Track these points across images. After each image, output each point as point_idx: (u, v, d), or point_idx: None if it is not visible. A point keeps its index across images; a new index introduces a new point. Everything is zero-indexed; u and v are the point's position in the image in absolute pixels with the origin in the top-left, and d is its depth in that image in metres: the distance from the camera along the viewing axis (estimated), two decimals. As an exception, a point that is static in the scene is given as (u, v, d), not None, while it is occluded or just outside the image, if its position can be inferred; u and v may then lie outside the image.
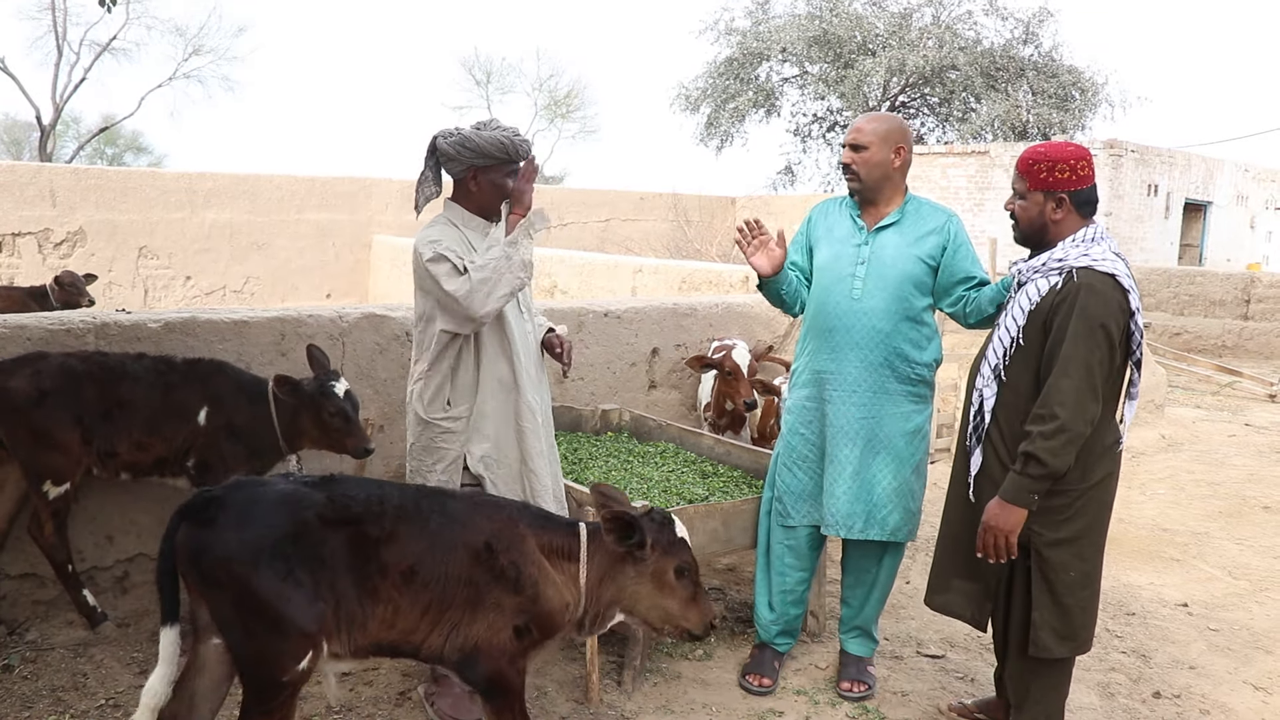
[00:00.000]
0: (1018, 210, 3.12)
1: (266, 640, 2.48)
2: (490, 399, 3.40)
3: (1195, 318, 14.59)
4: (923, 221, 3.61)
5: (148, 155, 41.96)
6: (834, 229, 3.71)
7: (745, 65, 25.58)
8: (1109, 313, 2.89)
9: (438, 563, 2.67)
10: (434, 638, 2.69)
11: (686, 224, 19.07)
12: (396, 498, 2.74)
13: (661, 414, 5.72)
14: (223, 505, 2.54)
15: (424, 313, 3.40)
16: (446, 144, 3.37)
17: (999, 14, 24.34)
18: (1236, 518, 6.30)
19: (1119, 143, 17.40)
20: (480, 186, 3.40)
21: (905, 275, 3.55)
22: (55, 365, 3.65)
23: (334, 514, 2.60)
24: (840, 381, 3.60)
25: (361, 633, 2.62)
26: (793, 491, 3.75)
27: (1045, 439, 2.87)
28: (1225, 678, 4.05)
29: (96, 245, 13.75)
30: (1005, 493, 2.96)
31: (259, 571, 2.46)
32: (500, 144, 3.32)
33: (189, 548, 2.51)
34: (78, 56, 29.98)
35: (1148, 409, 8.68)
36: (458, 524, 2.74)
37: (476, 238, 3.40)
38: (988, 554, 3.01)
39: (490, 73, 42.67)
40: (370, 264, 15.84)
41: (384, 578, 2.60)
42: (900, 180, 3.65)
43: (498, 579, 2.71)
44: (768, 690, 3.73)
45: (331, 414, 3.79)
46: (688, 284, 8.32)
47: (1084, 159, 3.03)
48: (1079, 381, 2.87)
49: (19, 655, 3.65)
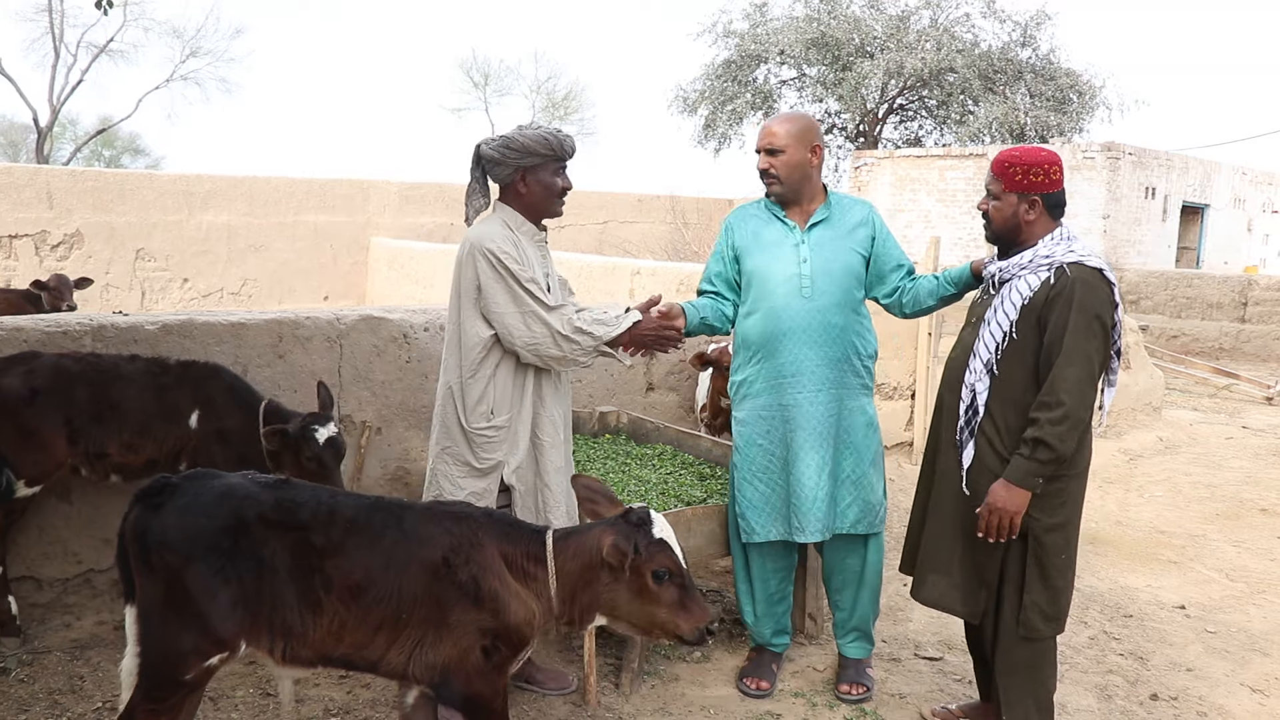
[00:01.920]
0: (991, 210, 3.25)
1: (179, 633, 2.46)
2: (522, 409, 3.39)
3: (1192, 320, 14.62)
4: (849, 214, 3.68)
5: (145, 157, 42.01)
6: (760, 234, 3.69)
7: (743, 67, 25.59)
8: (1102, 305, 3.05)
9: (390, 580, 2.57)
10: (393, 655, 2.60)
11: (684, 226, 19.08)
12: (350, 509, 2.64)
13: (659, 416, 5.72)
14: (174, 492, 2.54)
15: (464, 313, 3.34)
16: (490, 149, 3.35)
17: (997, 17, 24.35)
18: (1234, 520, 6.31)
19: (1116, 145, 17.42)
20: (529, 187, 3.37)
21: (846, 268, 3.61)
22: (49, 365, 3.65)
23: (279, 517, 2.56)
24: (803, 383, 3.59)
25: (302, 643, 2.55)
26: (754, 505, 3.68)
27: (1054, 425, 2.98)
28: (1222, 680, 4.06)
29: (94, 247, 13.74)
30: (1012, 475, 3.05)
31: (191, 563, 2.45)
32: (545, 140, 3.32)
33: (136, 529, 2.51)
34: (75, 58, 29.98)
35: (1145, 411, 8.69)
36: (413, 540, 2.63)
37: (527, 244, 3.36)
38: (989, 535, 3.09)
39: (488, 75, 42.67)
40: (368, 266, 15.83)
41: (328, 591, 2.53)
42: (818, 177, 3.69)
43: (459, 594, 2.60)
44: (765, 694, 3.72)
45: (308, 458, 3.70)
46: (685, 286, 8.31)
47: (1056, 164, 3.18)
48: (1081, 370, 3.01)
49: (15, 658, 3.64)
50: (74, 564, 4.06)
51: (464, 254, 3.33)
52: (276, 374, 4.41)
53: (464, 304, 3.34)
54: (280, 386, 4.38)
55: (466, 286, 3.33)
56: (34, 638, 3.80)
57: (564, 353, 3.30)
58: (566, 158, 3.38)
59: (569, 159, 3.39)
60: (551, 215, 3.45)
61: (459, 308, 3.37)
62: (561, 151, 3.34)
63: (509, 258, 3.25)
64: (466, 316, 3.34)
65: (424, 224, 16.76)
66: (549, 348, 3.29)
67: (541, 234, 3.47)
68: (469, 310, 3.33)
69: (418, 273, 13.93)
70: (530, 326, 3.26)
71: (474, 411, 3.34)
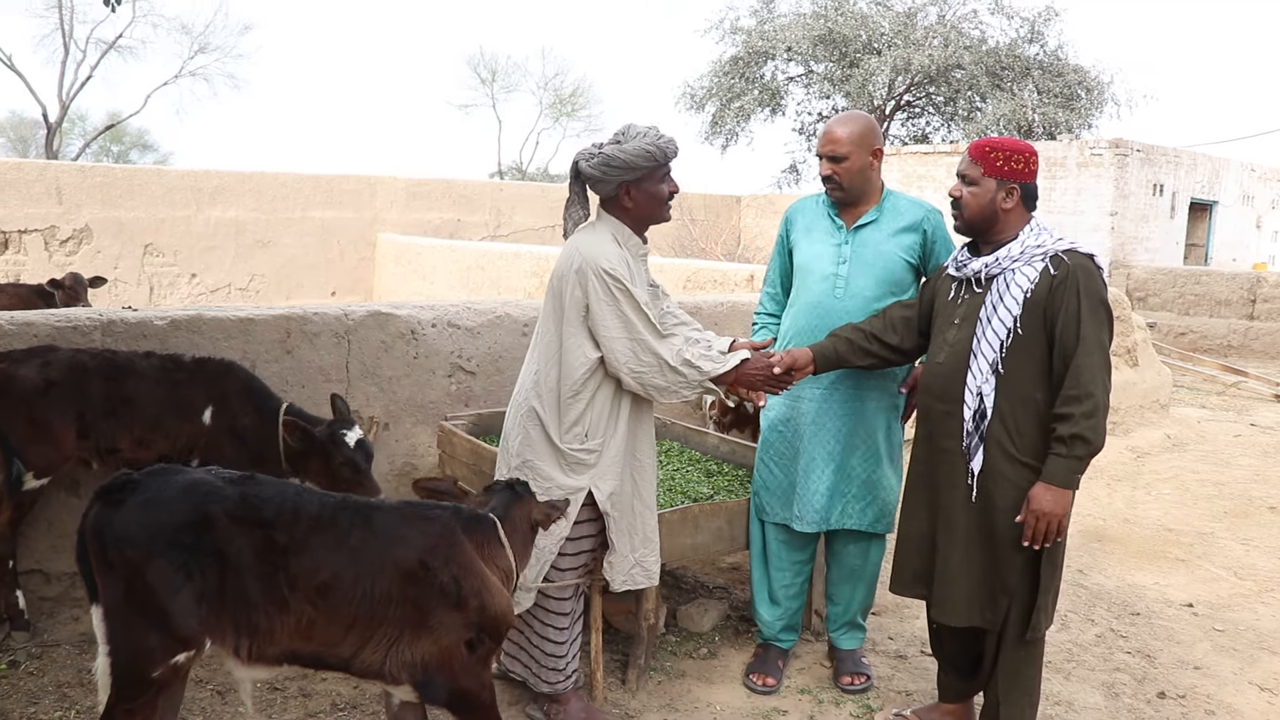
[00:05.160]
0: (967, 197, 3.11)
1: (144, 631, 2.43)
2: (619, 433, 3.28)
3: (1201, 317, 14.58)
4: (900, 217, 3.62)
5: (153, 153, 42.12)
6: (813, 228, 3.71)
7: (750, 64, 25.54)
8: (1103, 290, 3.00)
9: (360, 581, 2.54)
10: (367, 654, 2.58)
11: (691, 223, 19.08)
12: (314, 507, 2.60)
13: (667, 413, 5.71)
14: (135, 488, 2.48)
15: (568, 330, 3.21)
16: (590, 167, 3.18)
17: (1004, 13, 24.26)
18: (1242, 518, 6.29)
19: (1124, 142, 17.36)
20: (635, 200, 3.22)
21: (885, 273, 3.57)
22: (65, 358, 3.68)
23: (243, 513, 2.51)
24: (822, 380, 3.61)
25: (269, 641, 2.52)
26: (768, 487, 3.78)
27: (1087, 418, 2.90)
28: (1230, 678, 4.05)
29: (102, 242, 13.79)
30: (1054, 477, 2.94)
31: (152, 559, 2.40)
32: (648, 153, 3.14)
33: (95, 527, 2.45)
34: (84, 54, 30.13)
35: (1153, 409, 8.67)
36: (386, 540, 2.60)
37: (633, 259, 3.26)
38: (1035, 542, 2.99)
39: (495, 71, 42.77)
40: (375, 261, 15.88)
41: (293, 589, 2.50)
42: (877, 178, 3.66)
43: (440, 597, 2.60)
44: (772, 690, 3.73)
45: (340, 464, 3.73)
46: (692, 283, 8.33)
47: (1034, 154, 3.10)
48: (1099, 358, 2.94)
49: (25, 651, 3.66)
50: (83, 558, 4.08)
51: (570, 269, 3.17)
52: (284, 369, 4.42)
53: (569, 321, 3.20)
54: (288, 382, 4.39)
55: (573, 304, 3.17)
56: (42, 631, 3.82)
57: (668, 384, 3.20)
58: (669, 161, 3.24)
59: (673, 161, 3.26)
60: (660, 222, 3.33)
61: (560, 323, 3.22)
62: (665, 159, 3.20)
63: (625, 279, 3.12)
64: (572, 335, 3.20)
65: (431, 220, 16.79)
66: (654, 377, 3.18)
67: (645, 246, 3.35)
68: (576, 329, 3.19)
69: (424, 268, 13.95)
70: (639, 354, 3.15)
71: (569, 432, 3.23)
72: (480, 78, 42.81)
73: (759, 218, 20.79)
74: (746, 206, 21.40)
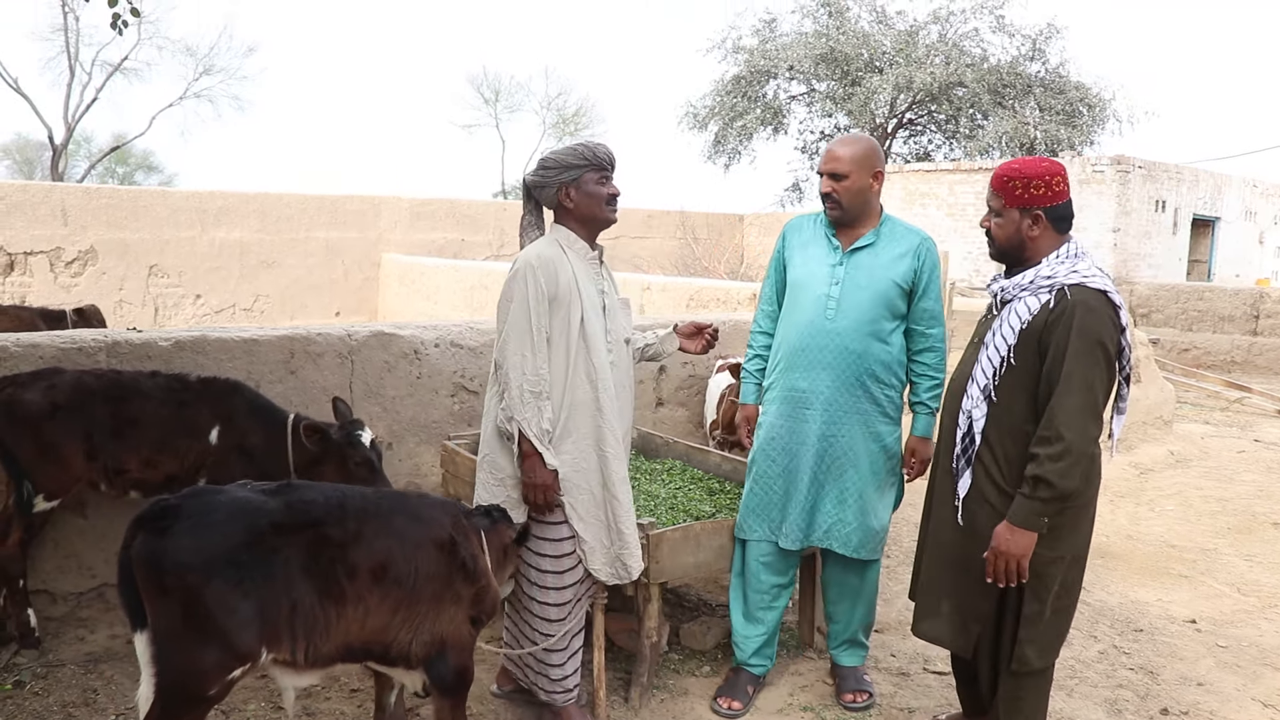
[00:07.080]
0: (994, 228, 3.11)
1: (201, 651, 2.47)
2: (572, 421, 3.31)
3: (1204, 333, 14.58)
4: (897, 242, 3.62)
5: (158, 174, 42.39)
6: (808, 246, 3.72)
7: (753, 83, 25.66)
8: (1105, 330, 2.88)
9: (409, 559, 2.76)
10: (403, 635, 2.78)
11: (694, 241, 19.12)
12: (357, 499, 2.81)
13: (669, 431, 5.74)
14: (179, 514, 2.53)
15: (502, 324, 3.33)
16: (531, 175, 3.40)
17: (1006, 31, 24.37)
18: (1245, 534, 6.28)
19: (1126, 159, 17.41)
20: (575, 199, 3.34)
21: (878, 297, 3.56)
22: (70, 380, 3.70)
23: (292, 519, 2.61)
24: (812, 399, 3.61)
25: (324, 638, 2.62)
26: (749, 506, 3.75)
27: (1053, 461, 2.83)
28: (1233, 695, 4.04)
29: (107, 264, 13.85)
30: (1015, 517, 2.90)
31: (211, 581, 2.46)
32: (576, 151, 3.34)
33: (144, 556, 2.48)
34: (90, 76, 30.28)
35: (1156, 425, 8.67)
36: (422, 520, 2.87)
37: (580, 262, 3.35)
38: (998, 580, 2.96)
39: (499, 91, 43.03)
40: (379, 282, 15.91)
41: (352, 578, 2.65)
42: (876, 201, 3.66)
43: (460, 571, 2.87)
44: (737, 714, 3.69)
45: (358, 463, 3.79)
46: (695, 301, 8.35)
47: (1059, 174, 3.02)
48: (1082, 400, 2.85)
49: (30, 671, 3.68)
50: (88, 578, 4.10)
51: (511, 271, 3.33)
52: (288, 389, 4.45)
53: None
54: (292, 402, 4.41)
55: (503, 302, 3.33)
56: (48, 651, 3.83)
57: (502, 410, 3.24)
58: (605, 164, 3.36)
59: (609, 166, 3.37)
60: (604, 222, 3.41)
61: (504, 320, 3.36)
62: (595, 158, 3.33)
63: (530, 278, 3.22)
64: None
65: (435, 240, 16.84)
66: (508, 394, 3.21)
67: (594, 252, 3.43)
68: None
69: (428, 288, 13.99)
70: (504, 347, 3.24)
71: None
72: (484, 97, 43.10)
73: (762, 236, 20.83)
74: (749, 225, 21.45)
